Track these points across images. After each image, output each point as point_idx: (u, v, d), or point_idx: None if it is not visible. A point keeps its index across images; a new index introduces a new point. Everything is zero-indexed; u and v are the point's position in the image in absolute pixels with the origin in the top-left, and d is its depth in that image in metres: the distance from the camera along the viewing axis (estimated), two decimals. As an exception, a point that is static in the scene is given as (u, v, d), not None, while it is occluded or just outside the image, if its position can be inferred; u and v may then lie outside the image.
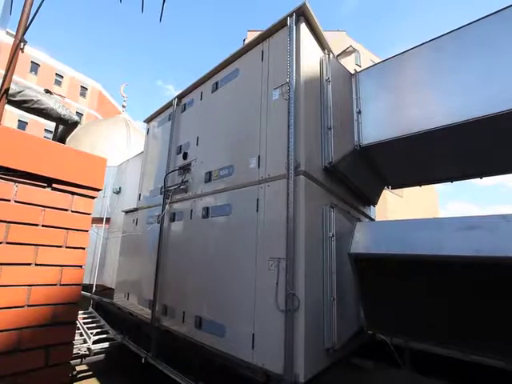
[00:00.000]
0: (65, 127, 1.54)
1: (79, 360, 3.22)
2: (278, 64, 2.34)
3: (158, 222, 3.27)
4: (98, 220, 5.57)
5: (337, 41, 16.46)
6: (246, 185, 2.37)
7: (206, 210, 2.70)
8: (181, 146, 3.35)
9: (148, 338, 3.02)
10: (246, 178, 2.39)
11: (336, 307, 2.07)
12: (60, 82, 26.54)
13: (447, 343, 1.95)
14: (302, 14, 2.34)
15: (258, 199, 2.24)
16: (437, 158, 2.72)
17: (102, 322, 4.25)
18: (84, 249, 1.30)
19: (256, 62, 2.57)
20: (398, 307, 2.01)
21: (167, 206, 3.28)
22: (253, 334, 1.99)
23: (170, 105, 3.77)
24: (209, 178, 2.79)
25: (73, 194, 1.28)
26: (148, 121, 4.37)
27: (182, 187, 3.10)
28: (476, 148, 2.47)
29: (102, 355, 3.48)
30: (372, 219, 3.56)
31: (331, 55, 2.57)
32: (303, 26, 2.33)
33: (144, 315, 3.23)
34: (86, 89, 28.74)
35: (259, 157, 2.31)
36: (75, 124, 1.60)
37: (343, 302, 2.21)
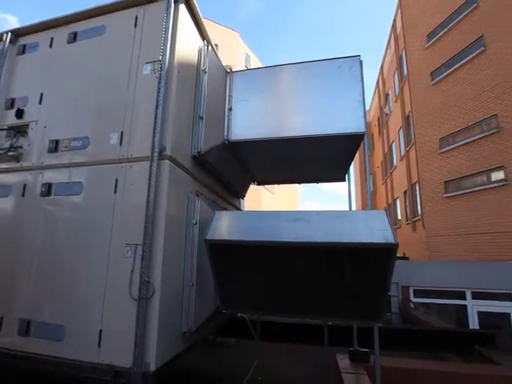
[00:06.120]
0: None
1: None
2: (153, 37, 2.18)
3: (-34, 198, 2.38)
4: None
5: (230, 40, 16.66)
6: (104, 162, 2.13)
7: (48, 186, 2.24)
8: (13, 100, 2.57)
9: None
10: (104, 155, 2.14)
11: (195, 291, 2.17)
12: None
13: (284, 312, 2.42)
14: (182, -5, 2.26)
15: (116, 180, 2.06)
16: (286, 163, 3.31)
17: None
18: None
19: (128, 26, 2.30)
20: (246, 287, 2.32)
21: (-17, 177, 2.44)
22: (100, 331, 1.84)
23: (-1, 39, 2.76)
24: (55, 147, 2.30)
25: None
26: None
27: (11, 153, 2.42)
28: (311, 158, 3.18)
29: None
30: (240, 210, 3.94)
31: (210, 47, 2.63)
32: (183, 8, 2.27)
33: None
34: None
35: (122, 133, 2.11)
36: None
37: (203, 285, 2.34)
